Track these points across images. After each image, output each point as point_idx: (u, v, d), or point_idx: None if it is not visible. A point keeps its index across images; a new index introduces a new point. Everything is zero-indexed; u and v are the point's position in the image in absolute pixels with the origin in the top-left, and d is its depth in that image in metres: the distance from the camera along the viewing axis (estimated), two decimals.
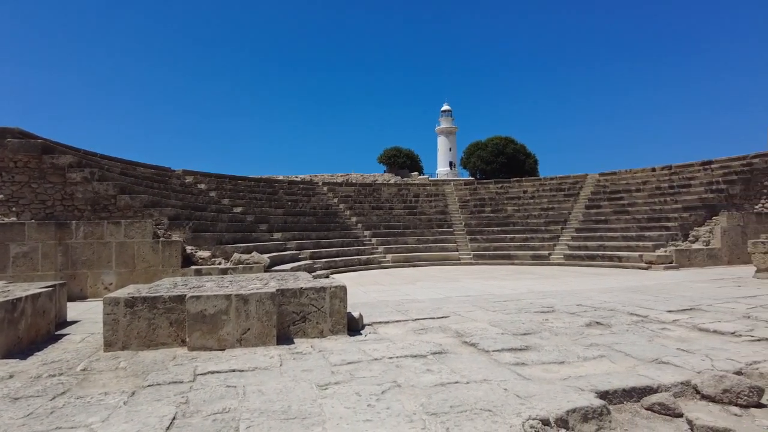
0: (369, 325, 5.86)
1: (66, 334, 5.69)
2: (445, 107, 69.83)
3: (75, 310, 8.01)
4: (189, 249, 11.86)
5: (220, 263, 11.76)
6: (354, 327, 5.50)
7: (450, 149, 66.83)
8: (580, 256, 19.11)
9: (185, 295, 4.77)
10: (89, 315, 7.36)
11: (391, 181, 36.11)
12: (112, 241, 10.59)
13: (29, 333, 5.01)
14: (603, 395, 3.25)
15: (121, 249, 10.62)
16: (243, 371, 3.93)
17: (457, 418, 2.84)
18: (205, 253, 12.03)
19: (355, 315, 5.60)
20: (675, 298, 7.80)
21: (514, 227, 23.27)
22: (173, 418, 2.94)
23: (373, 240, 22.26)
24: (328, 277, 13.67)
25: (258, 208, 20.21)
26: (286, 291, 5.19)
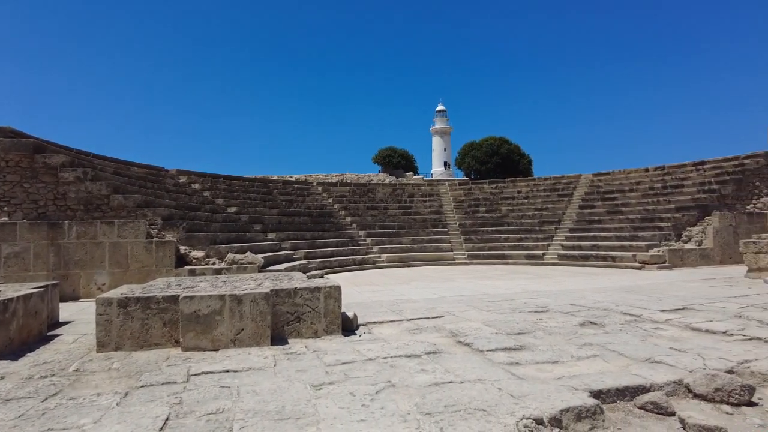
0: (364, 325, 5.86)
1: (58, 335, 5.65)
2: (439, 107, 69.95)
3: (67, 310, 7.95)
4: (183, 249, 11.81)
5: (214, 263, 11.72)
6: (348, 327, 5.50)
7: (445, 149, 66.94)
8: (573, 256, 19.20)
9: (179, 296, 4.75)
10: (82, 315, 7.31)
11: (385, 181, 36.12)
12: (105, 241, 10.53)
13: (21, 334, 4.97)
14: (596, 394, 3.27)
15: (114, 249, 10.56)
16: (237, 372, 3.92)
17: (451, 418, 2.85)
18: (199, 254, 11.98)
19: (349, 315, 5.60)
20: (668, 297, 7.85)
21: (508, 227, 23.34)
22: (166, 419, 2.93)
23: (368, 240, 22.25)
24: (322, 277, 13.65)
25: (252, 208, 20.15)
26: (280, 291, 5.18)
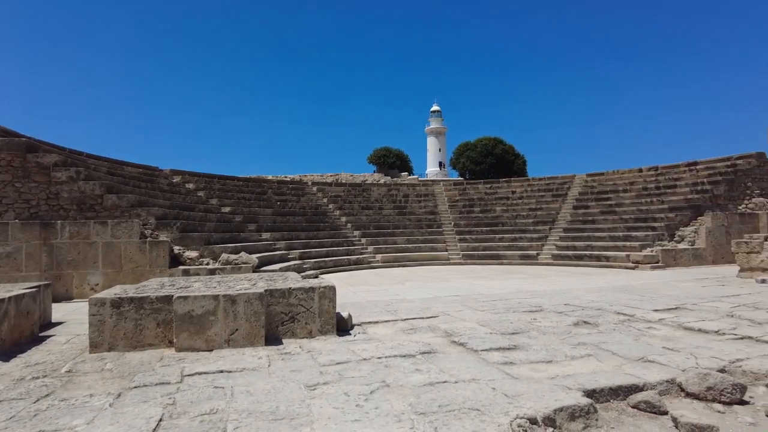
0: (358, 325, 5.86)
1: (51, 336, 5.61)
2: (434, 108, 70.04)
3: (60, 311, 7.90)
4: (177, 249, 11.76)
5: (208, 263, 11.68)
6: (343, 327, 5.50)
7: (439, 149, 67.03)
8: (568, 256, 19.27)
9: (172, 296, 4.73)
10: (75, 316, 7.26)
11: (380, 181, 36.12)
12: (99, 241, 10.47)
13: (12, 334, 4.93)
14: (590, 394, 3.28)
15: (107, 249, 10.50)
16: (231, 372, 3.90)
17: (446, 418, 2.85)
18: (193, 254, 11.93)
19: (344, 315, 5.59)
20: (661, 297, 7.89)
21: (502, 227, 23.40)
22: (160, 420, 2.91)
23: (363, 240, 22.24)
24: (317, 277, 13.62)
25: (247, 208, 20.09)
26: (274, 291, 5.17)
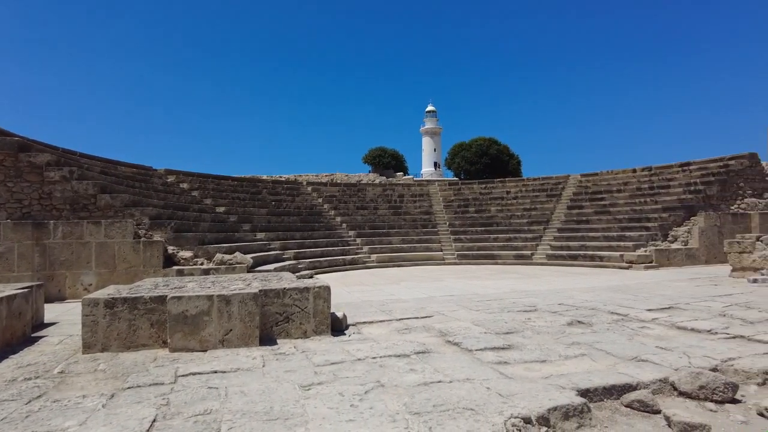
0: (353, 325, 5.85)
1: (43, 336, 5.57)
2: (429, 108, 70.14)
3: (53, 311, 7.85)
4: (171, 249, 11.71)
5: (202, 263, 11.64)
6: (338, 327, 5.49)
7: (435, 150, 67.11)
8: (562, 256, 19.34)
9: (166, 296, 4.71)
10: (68, 316, 7.22)
11: (376, 181, 36.12)
12: (92, 241, 10.41)
13: (4, 335, 4.89)
14: (584, 393, 3.30)
15: (101, 249, 10.44)
16: (225, 372, 3.89)
17: (440, 417, 2.86)
18: (187, 254, 11.88)
19: (339, 315, 5.59)
20: (654, 297, 7.94)
21: (497, 227, 23.45)
22: (153, 421, 2.90)
23: (358, 240, 22.22)
24: (312, 277, 13.62)
25: (241, 208, 20.03)
26: (269, 291, 5.16)
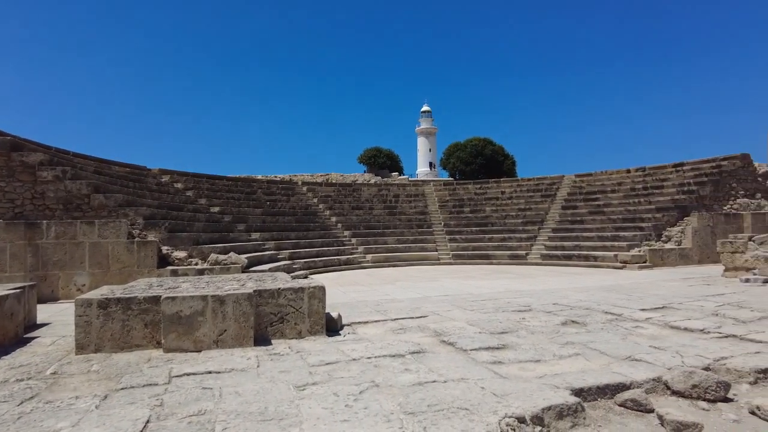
0: (348, 325, 5.85)
1: (35, 337, 5.53)
2: (425, 108, 70.20)
3: (46, 312, 7.80)
4: (165, 249, 11.66)
5: (196, 264, 11.59)
6: (333, 327, 5.49)
7: (430, 150, 67.19)
8: (556, 256, 19.41)
9: (160, 296, 4.69)
10: (60, 317, 7.17)
11: (371, 181, 36.11)
12: (86, 242, 10.35)
13: None
14: (578, 393, 3.31)
15: (94, 249, 10.38)
16: (219, 373, 3.88)
17: (435, 417, 2.86)
18: (181, 254, 11.84)
19: (333, 315, 5.58)
20: (648, 296, 7.98)
21: (492, 227, 23.51)
22: (147, 421, 2.89)
23: (353, 240, 22.21)
24: (307, 277, 13.57)
25: (236, 208, 19.98)
26: (263, 292, 5.14)
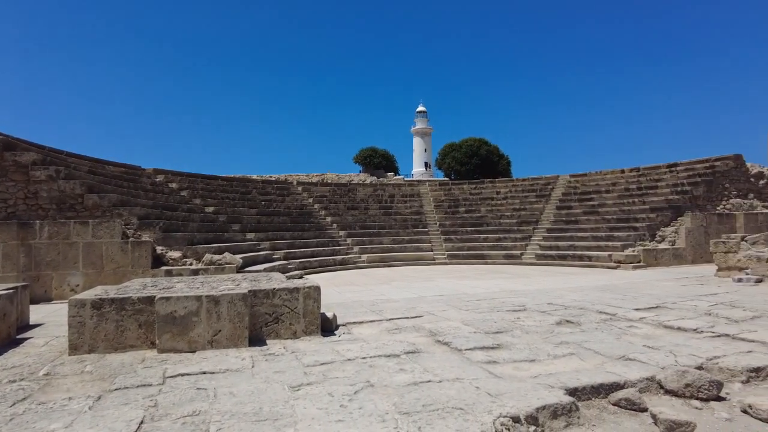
0: (343, 325, 5.85)
1: (28, 338, 5.50)
2: (420, 108, 70.18)
3: (39, 312, 7.75)
4: (159, 249, 11.61)
5: (191, 264, 11.55)
6: (328, 327, 5.48)
7: (425, 150, 67.21)
8: (551, 256, 19.47)
9: (155, 297, 4.67)
10: (54, 318, 7.13)
11: (366, 182, 36.10)
12: (79, 242, 10.29)
13: None
14: (572, 392, 3.33)
15: (88, 249, 10.33)
16: (214, 373, 3.87)
17: (429, 417, 2.87)
18: (175, 254, 11.79)
19: (329, 315, 5.58)
20: (642, 296, 8.02)
21: (487, 227, 23.56)
22: (141, 422, 2.88)
23: (349, 240, 22.19)
24: (302, 277, 13.56)
25: (230, 208, 19.92)
26: (258, 292, 5.13)
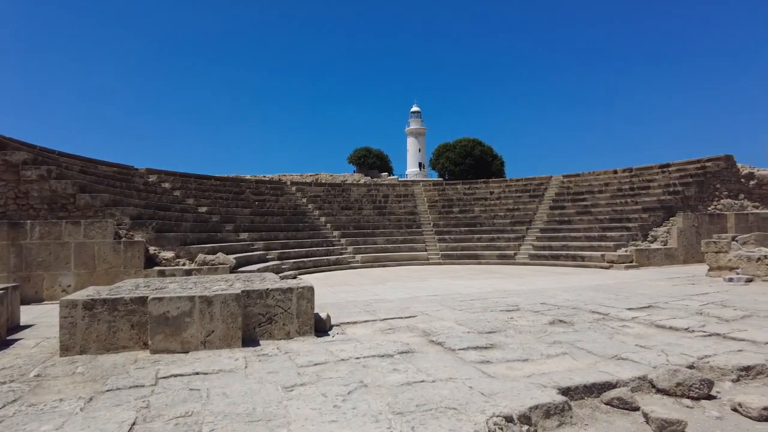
0: (337, 325, 5.84)
1: (19, 339, 5.45)
2: (414, 108, 70.28)
3: (30, 313, 7.69)
4: (152, 249, 11.55)
5: (184, 264, 11.50)
6: (321, 328, 5.47)
7: (419, 150, 67.30)
8: (544, 256, 19.55)
9: (147, 297, 4.64)
10: (45, 319, 7.07)
11: (360, 182, 36.08)
12: (71, 242, 10.21)
13: None
14: (565, 391, 3.34)
15: (80, 250, 10.25)
16: (207, 374, 3.85)
17: (423, 417, 2.87)
18: (168, 254, 11.73)
19: (322, 316, 5.57)
20: (634, 296, 8.07)
21: (481, 227, 23.62)
22: (133, 424, 2.86)
23: (343, 240, 22.17)
24: (295, 278, 13.50)
25: (224, 208, 19.84)
26: (251, 292, 5.12)
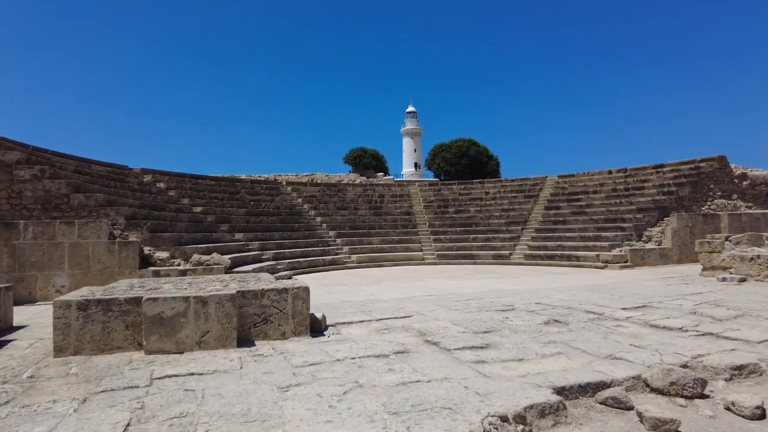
0: (332, 326, 5.84)
1: (12, 340, 5.41)
2: (410, 108, 70.33)
3: (23, 314, 7.64)
4: (147, 250, 11.50)
5: (179, 264, 11.46)
6: (317, 328, 5.47)
7: (415, 150, 67.35)
8: (539, 256, 19.61)
9: (142, 297, 4.63)
10: (38, 319, 7.03)
11: (356, 182, 36.07)
12: (65, 242, 10.16)
13: None
14: (559, 391, 3.35)
15: (74, 250, 10.20)
16: (202, 374, 3.84)
17: (418, 417, 2.87)
18: (163, 254, 11.69)
19: (318, 316, 5.57)
20: (629, 296, 8.11)
21: (476, 227, 23.66)
22: (127, 425, 2.85)
23: (338, 240, 22.16)
24: (291, 278, 13.53)
25: (219, 208, 19.79)
26: (246, 292, 5.11)
